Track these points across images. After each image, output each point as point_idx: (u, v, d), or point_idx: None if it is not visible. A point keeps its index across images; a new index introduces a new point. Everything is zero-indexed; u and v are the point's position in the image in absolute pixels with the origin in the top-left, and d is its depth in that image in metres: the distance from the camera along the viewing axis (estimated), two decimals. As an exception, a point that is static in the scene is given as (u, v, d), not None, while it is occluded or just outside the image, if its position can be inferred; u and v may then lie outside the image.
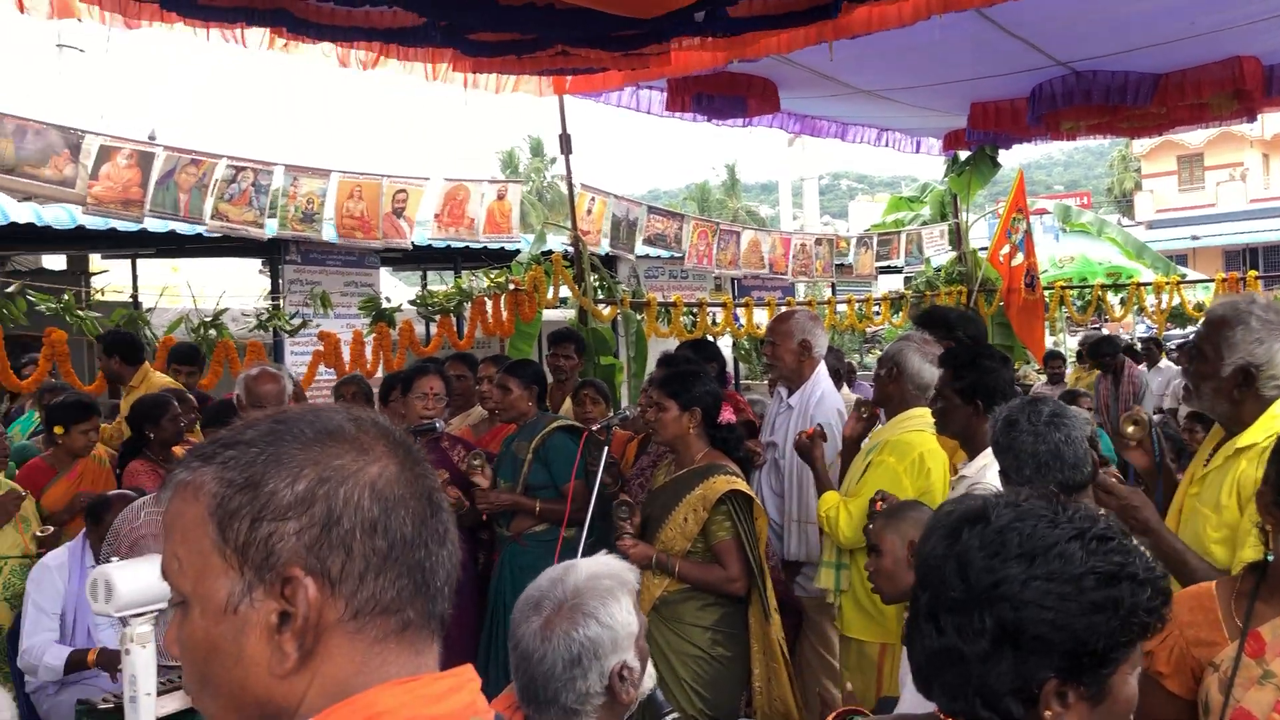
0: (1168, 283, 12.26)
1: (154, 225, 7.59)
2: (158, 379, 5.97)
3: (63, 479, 5.09)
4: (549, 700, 2.08)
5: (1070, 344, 16.90)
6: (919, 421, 3.97)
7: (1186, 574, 2.53)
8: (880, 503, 3.43)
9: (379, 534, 1.00)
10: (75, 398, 5.29)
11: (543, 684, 2.08)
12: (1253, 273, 12.03)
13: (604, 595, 2.13)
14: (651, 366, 6.70)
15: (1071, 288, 13.29)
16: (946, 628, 1.41)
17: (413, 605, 1.02)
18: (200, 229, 7.33)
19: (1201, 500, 2.84)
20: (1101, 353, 9.89)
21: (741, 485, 3.92)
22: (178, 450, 5.07)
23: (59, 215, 8.81)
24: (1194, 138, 34.13)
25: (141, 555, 2.64)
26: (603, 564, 2.25)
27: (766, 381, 9.47)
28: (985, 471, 3.35)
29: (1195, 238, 33.19)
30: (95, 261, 12.62)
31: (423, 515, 1.04)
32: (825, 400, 4.63)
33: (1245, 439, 2.74)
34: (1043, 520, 1.42)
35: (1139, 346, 12.20)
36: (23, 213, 8.66)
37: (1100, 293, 12.70)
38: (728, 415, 4.08)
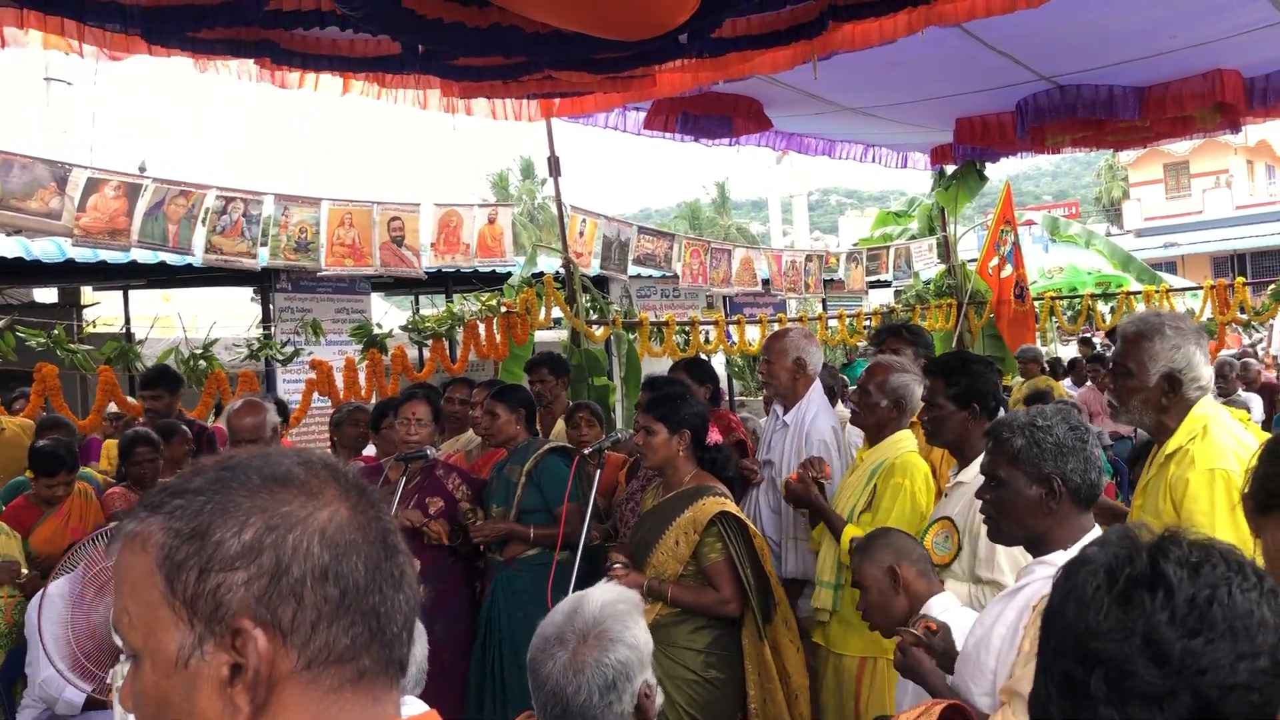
0: (1157, 291, 12.32)
1: (144, 256, 7.59)
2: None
3: (50, 518, 5.04)
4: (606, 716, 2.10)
5: (1063, 354, 16.94)
6: (909, 442, 4.05)
7: None
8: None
9: (330, 581, 0.98)
10: (51, 448, 5.15)
11: (580, 716, 2.08)
12: (1240, 279, 12.08)
13: (623, 618, 2.16)
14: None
15: (1061, 298, 13.35)
16: (1134, 714, 1.21)
17: (368, 652, 1.00)
18: (191, 260, 7.32)
19: (1145, 510, 2.99)
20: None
21: (731, 507, 3.91)
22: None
23: (48, 249, 8.81)
24: (1179, 146, 34.30)
25: (107, 597, 2.64)
26: (610, 590, 2.27)
27: (762, 399, 9.48)
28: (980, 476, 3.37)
29: (1171, 245, 33.31)
30: (87, 294, 12.61)
31: (376, 560, 1.02)
32: (820, 418, 4.63)
33: (1172, 444, 2.92)
34: (1229, 581, 1.23)
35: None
36: (11, 247, 8.66)
37: (1090, 302, 12.75)
38: (715, 436, 4.08)
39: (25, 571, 4.63)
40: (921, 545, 3.14)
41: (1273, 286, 11.45)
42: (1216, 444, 2.83)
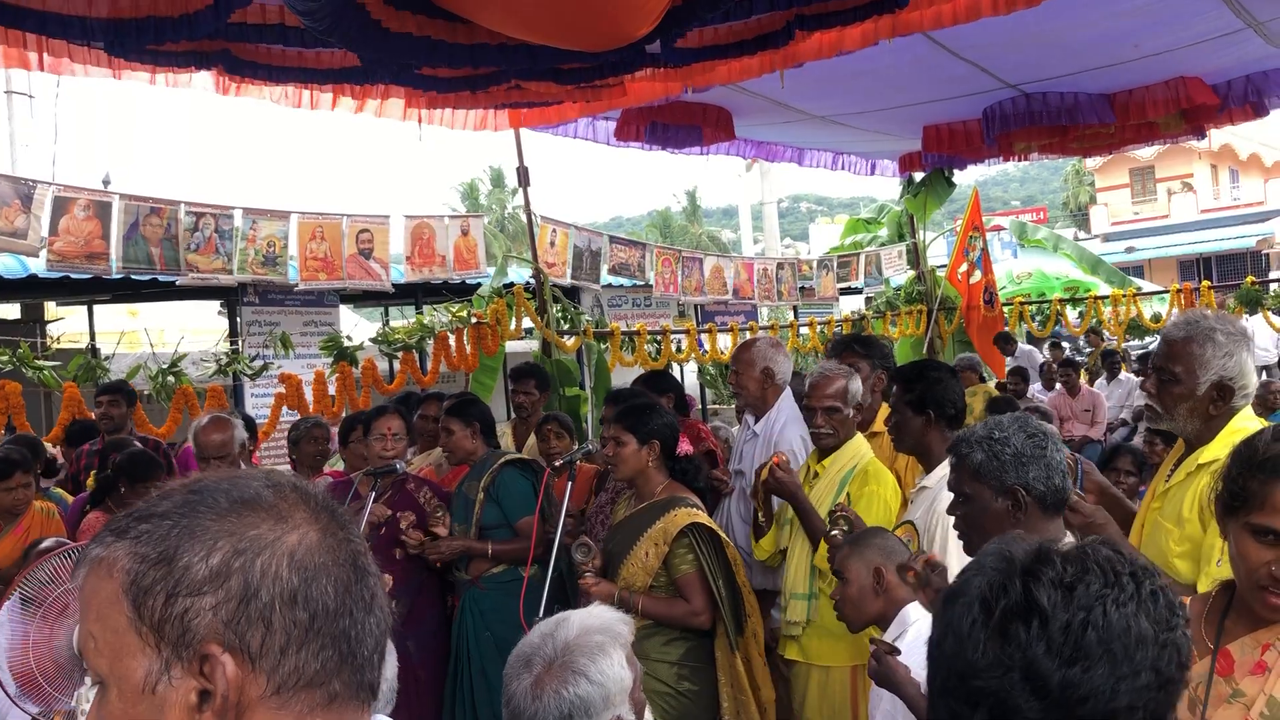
0: (1124, 295, 12.43)
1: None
2: None
3: (8, 535, 4.97)
4: None
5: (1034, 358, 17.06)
6: (866, 447, 4.11)
7: None
8: (840, 523, 3.43)
9: (299, 605, 0.97)
10: (4, 453, 5.12)
11: None
12: (1205, 283, 12.22)
13: (594, 652, 2.11)
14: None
15: (1030, 303, 13.44)
16: None
17: (339, 676, 0.99)
18: (178, 279, 7.21)
19: (1164, 515, 2.88)
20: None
21: (702, 518, 3.90)
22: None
23: (10, 264, 8.69)
24: (1145, 151, 34.74)
25: (70, 619, 2.59)
26: (595, 616, 2.23)
27: (734, 408, 9.48)
28: (944, 481, 3.37)
29: (1131, 249, 33.64)
30: (50, 309, 12.45)
31: (346, 583, 1.01)
32: (789, 427, 4.63)
33: (1208, 454, 2.78)
34: (1104, 599, 1.21)
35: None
36: (-28, 263, 8.54)
37: (1059, 307, 12.85)
38: (685, 447, 4.08)
39: None
40: (909, 551, 3.15)
41: (1239, 289, 11.59)
42: None
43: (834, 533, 3.36)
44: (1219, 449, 2.74)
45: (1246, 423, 2.82)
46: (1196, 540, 2.74)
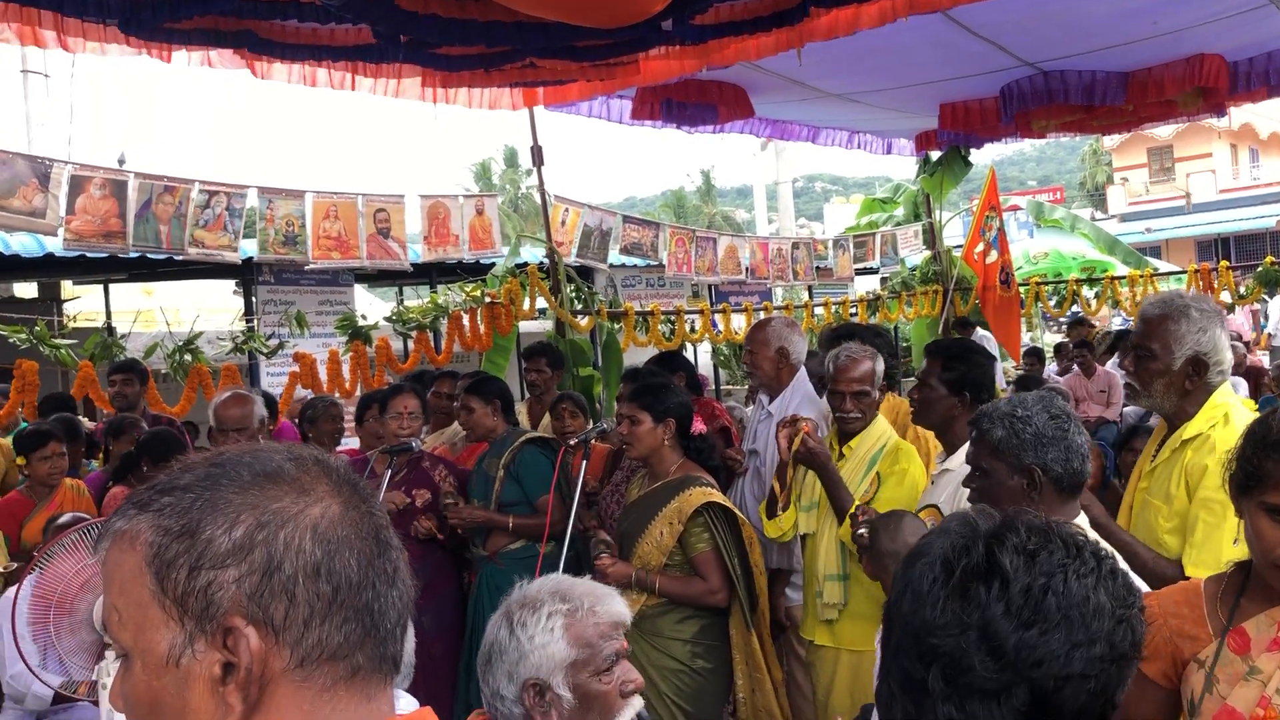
0: (1141, 275, 12.35)
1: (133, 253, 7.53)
2: None
3: (41, 511, 5.05)
4: (483, 681, 2.21)
5: (1047, 340, 16.99)
6: (888, 426, 4.11)
7: (1137, 565, 2.64)
8: (862, 515, 3.40)
9: (323, 578, 0.97)
10: (35, 426, 5.28)
11: (480, 665, 2.22)
12: (1224, 263, 12.12)
13: (528, 612, 2.17)
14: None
15: (1047, 283, 13.36)
16: (973, 710, 1.20)
17: (362, 649, 1.00)
18: (178, 256, 7.24)
19: (1152, 493, 2.96)
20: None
21: (717, 497, 3.90)
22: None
23: (26, 243, 8.73)
24: (1163, 130, 34.40)
25: (90, 593, 2.61)
26: (562, 583, 2.27)
27: (747, 389, 9.48)
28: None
29: (1149, 230, 33.37)
30: (67, 288, 12.52)
31: (369, 555, 1.01)
32: (804, 407, 4.61)
33: (1191, 429, 2.88)
34: (1065, 568, 1.22)
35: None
36: (-11, 242, 8.59)
37: (1076, 287, 12.77)
38: (699, 425, 4.07)
39: (4, 565, 4.61)
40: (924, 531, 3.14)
41: (1258, 270, 11.50)
42: (1238, 432, 2.80)
43: (861, 532, 3.32)
44: (1201, 424, 2.86)
45: (1226, 398, 2.91)
46: (1184, 514, 2.83)
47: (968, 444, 2.97)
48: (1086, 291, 12.80)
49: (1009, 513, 1.33)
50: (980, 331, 11.68)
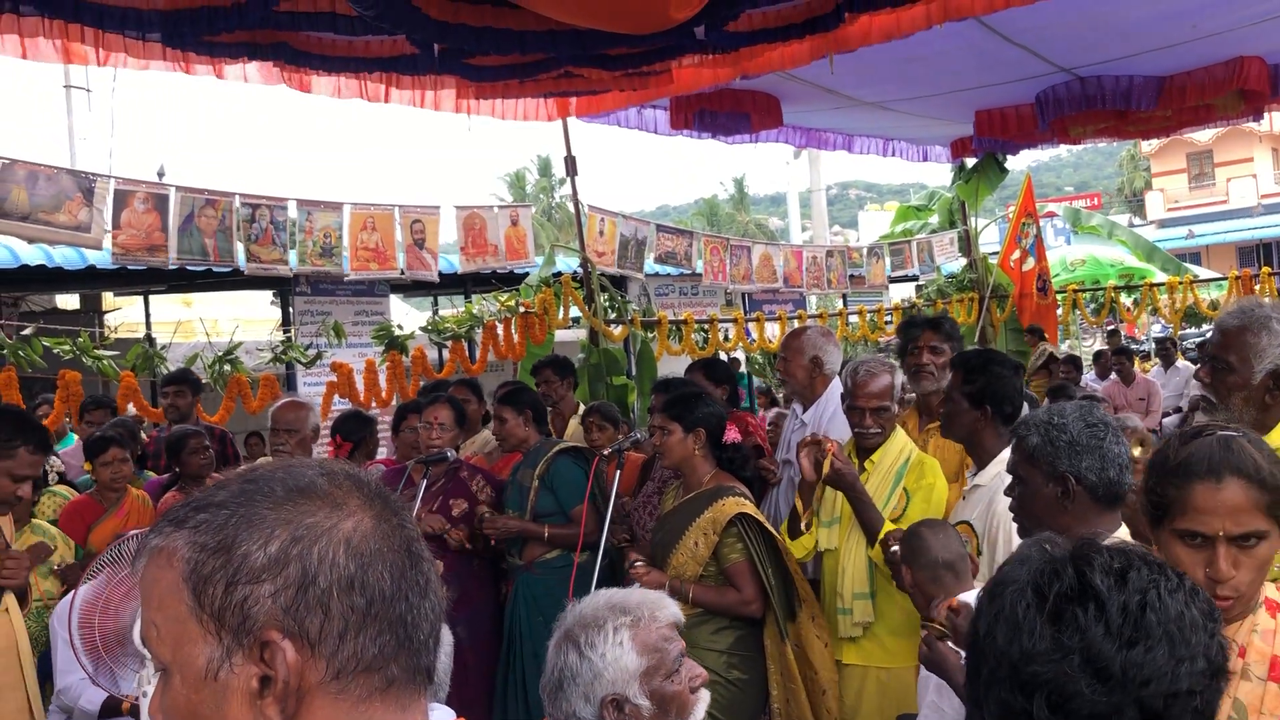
0: (1180, 282, 12.19)
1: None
2: None
3: (110, 517, 5.10)
4: (552, 708, 2.23)
5: (1084, 348, 16.80)
6: (908, 439, 4.05)
7: None
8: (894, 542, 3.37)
9: (357, 591, 0.98)
10: (101, 432, 5.39)
11: (545, 692, 2.24)
12: (1266, 269, 11.94)
13: (592, 628, 2.18)
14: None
15: (1084, 291, 13.21)
16: None
17: (396, 661, 1.01)
18: (230, 269, 7.30)
19: None
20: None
21: (750, 508, 3.89)
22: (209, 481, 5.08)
23: (69, 255, 8.86)
24: (1202, 135, 34.02)
25: (134, 601, 2.64)
26: (610, 597, 2.28)
27: (783, 396, 9.44)
28: (999, 480, 3.31)
29: (1191, 235, 32.93)
30: (108, 299, 12.69)
31: (402, 568, 1.02)
32: (839, 416, 4.58)
33: (1270, 443, 2.73)
34: (1156, 584, 1.20)
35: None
36: (33, 253, 8.73)
37: (1114, 295, 12.62)
38: (732, 435, 4.06)
39: (59, 560, 4.67)
40: (964, 545, 3.10)
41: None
42: None
43: (894, 548, 3.30)
44: (1277, 437, 2.71)
45: None
46: None
47: (995, 459, 2.94)
48: (1125, 299, 12.65)
49: (1084, 536, 1.30)
50: (1181, 363, 11.51)
